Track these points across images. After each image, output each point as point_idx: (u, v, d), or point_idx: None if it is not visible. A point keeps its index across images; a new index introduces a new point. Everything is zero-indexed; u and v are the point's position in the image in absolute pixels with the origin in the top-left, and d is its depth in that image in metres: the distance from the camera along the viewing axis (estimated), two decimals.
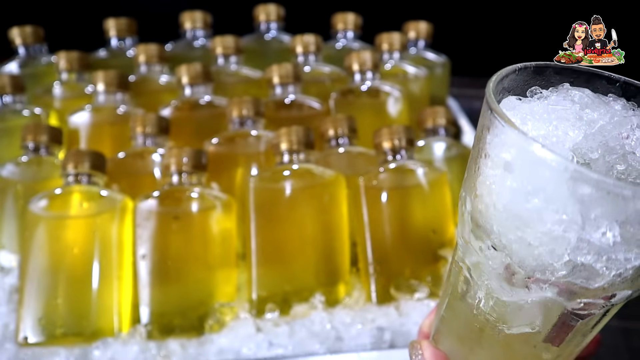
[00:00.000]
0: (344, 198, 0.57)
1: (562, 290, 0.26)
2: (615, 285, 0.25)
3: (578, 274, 0.25)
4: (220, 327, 0.51)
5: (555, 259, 0.25)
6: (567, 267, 0.25)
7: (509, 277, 0.27)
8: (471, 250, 0.29)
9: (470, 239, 0.28)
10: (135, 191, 0.57)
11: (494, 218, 0.26)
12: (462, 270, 0.30)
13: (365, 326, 0.52)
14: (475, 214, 0.27)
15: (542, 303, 0.27)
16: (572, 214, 0.23)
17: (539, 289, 0.26)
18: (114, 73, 0.67)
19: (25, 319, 0.51)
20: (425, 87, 0.78)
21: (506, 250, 0.26)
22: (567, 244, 0.24)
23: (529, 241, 0.25)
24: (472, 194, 0.27)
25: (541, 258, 0.25)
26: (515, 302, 0.28)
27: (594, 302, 0.26)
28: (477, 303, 0.30)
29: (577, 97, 0.28)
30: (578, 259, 0.24)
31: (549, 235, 0.24)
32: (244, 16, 0.84)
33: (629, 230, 0.23)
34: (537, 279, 0.26)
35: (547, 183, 0.23)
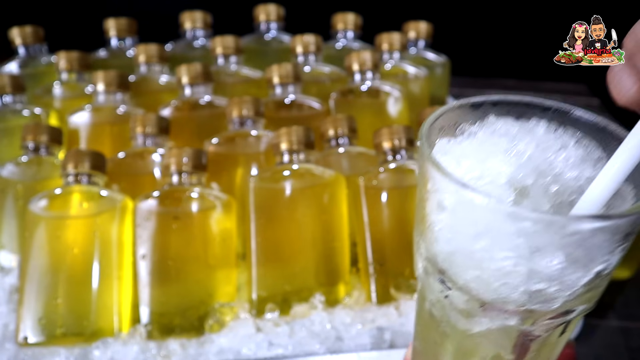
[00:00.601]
0: (344, 198, 0.57)
1: (521, 317, 0.27)
2: (570, 303, 0.27)
3: (535, 300, 0.26)
4: (220, 327, 0.51)
5: (511, 291, 0.26)
6: (524, 296, 0.26)
7: (470, 311, 0.28)
8: (431, 289, 0.30)
9: (429, 280, 0.30)
10: (135, 191, 0.57)
11: (448, 261, 0.27)
12: (426, 304, 0.32)
13: (365, 326, 0.52)
14: (430, 257, 0.29)
15: (504, 330, 0.28)
16: (518, 249, 0.25)
17: (500, 319, 0.28)
18: (114, 73, 0.67)
19: (25, 319, 0.51)
20: (425, 87, 0.78)
21: (464, 289, 0.27)
22: (520, 276, 0.25)
23: (484, 279, 0.26)
24: (424, 239, 0.29)
25: (498, 292, 0.26)
26: (479, 332, 0.29)
27: (552, 322, 0.28)
28: (443, 335, 0.31)
29: (502, 129, 0.30)
30: (532, 288, 0.26)
31: (502, 271, 0.26)
32: (244, 16, 0.84)
33: (572, 253, 0.25)
34: (498, 310, 0.27)
35: (490, 224, 0.25)
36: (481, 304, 0.28)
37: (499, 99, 0.31)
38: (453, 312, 0.29)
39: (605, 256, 0.26)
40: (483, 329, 0.29)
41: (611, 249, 0.25)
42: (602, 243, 0.25)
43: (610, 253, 0.26)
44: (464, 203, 0.26)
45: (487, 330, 0.29)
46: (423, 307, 0.33)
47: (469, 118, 0.31)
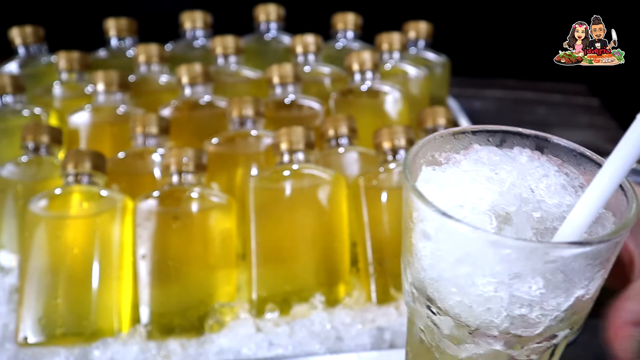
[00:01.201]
0: (344, 198, 0.57)
1: (506, 341, 0.28)
2: (554, 327, 0.27)
3: (517, 325, 0.27)
4: (220, 327, 0.51)
5: (494, 315, 0.27)
6: (507, 321, 0.27)
7: (457, 337, 0.29)
8: (420, 315, 0.31)
9: (416, 306, 0.30)
10: (135, 191, 0.57)
11: (433, 287, 0.28)
12: (415, 329, 0.32)
13: (365, 326, 0.52)
14: (416, 284, 0.29)
15: (491, 355, 0.29)
16: (499, 275, 0.26)
17: (486, 343, 0.28)
18: (114, 73, 0.67)
19: (25, 319, 0.51)
20: (425, 87, 0.78)
21: (450, 314, 0.28)
22: (501, 302, 0.26)
23: (467, 304, 0.27)
24: (410, 266, 0.30)
25: (482, 317, 0.27)
26: (468, 358, 0.30)
27: (538, 346, 0.28)
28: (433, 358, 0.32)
29: (485, 158, 0.31)
30: (514, 313, 0.27)
31: (483, 297, 0.26)
32: (244, 16, 0.84)
33: (551, 279, 0.26)
34: (483, 334, 0.28)
35: (471, 251, 0.26)
36: (468, 330, 0.28)
37: (480, 128, 0.32)
38: (441, 337, 0.30)
39: (585, 281, 0.26)
40: (471, 354, 0.29)
41: (591, 274, 0.26)
42: (582, 268, 0.26)
43: (590, 279, 0.26)
44: (446, 231, 0.26)
45: (476, 355, 0.29)
46: (412, 333, 0.33)
47: (453, 147, 0.31)
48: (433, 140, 0.31)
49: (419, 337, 0.32)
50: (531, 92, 1.19)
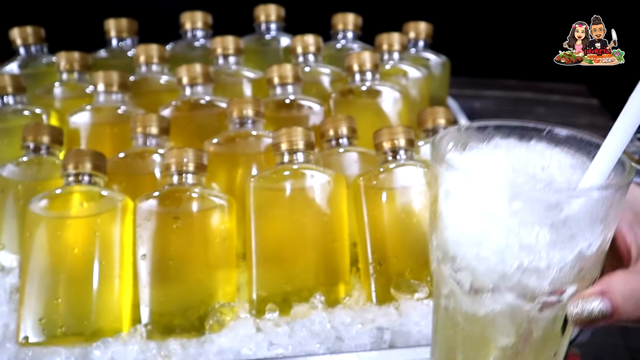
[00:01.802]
0: (344, 198, 0.57)
1: (519, 293, 0.31)
2: (562, 279, 0.30)
3: (528, 275, 0.30)
4: (220, 327, 0.52)
5: (507, 266, 0.30)
6: (518, 272, 0.30)
7: (475, 293, 0.32)
8: (444, 279, 0.34)
9: (441, 268, 0.34)
10: (136, 191, 0.57)
11: (455, 244, 0.32)
12: (441, 300, 0.36)
13: (365, 326, 0.52)
14: (441, 245, 0.33)
15: (507, 312, 0.32)
16: (510, 225, 0.29)
17: (501, 296, 0.32)
18: (114, 73, 0.67)
19: (26, 319, 0.51)
20: (425, 87, 0.78)
21: (469, 269, 0.32)
22: (513, 251, 0.30)
23: (483, 256, 0.31)
24: (436, 229, 0.34)
25: (496, 268, 0.31)
26: (485, 316, 0.33)
27: (549, 299, 0.31)
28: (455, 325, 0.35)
29: (504, 144, 0.35)
30: (524, 262, 0.30)
31: (497, 247, 0.30)
32: (244, 16, 0.84)
33: (556, 229, 0.29)
34: (497, 287, 0.31)
35: (490, 205, 0.30)
36: (485, 284, 0.31)
37: (501, 124, 0.36)
38: (462, 297, 0.33)
39: (587, 234, 0.30)
40: (489, 310, 0.32)
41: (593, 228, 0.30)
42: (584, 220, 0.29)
43: (593, 232, 0.30)
44: (463, 186, 0.30)
45: (492, 312, 0.32)
46: (438, 303, 0.36)
47: (476, 138, 0.35)
48: (457, 130, 0.35)
49: (444, 306, 0.35)
50: (531, 92, 1.19)
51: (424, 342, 0.50)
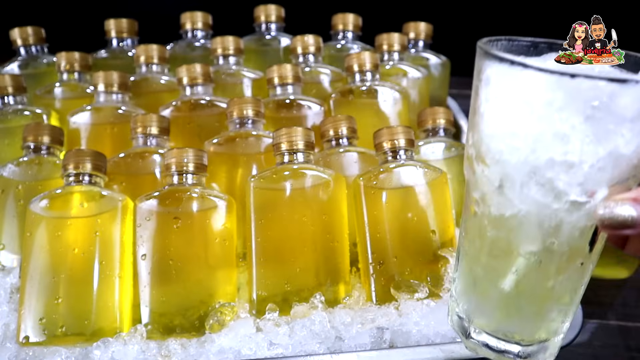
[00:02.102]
0: (344, 198, 0.57)
1: (548, 190, 0.30)
2: (592, 178, 0.30)
3: (558, 168, 0.30)
4: (220, 327, 0.52)
5: (538, 158, 0.30)
6: (548, 165, 0.30)
7: (504, 189, 0.32)
8: (475, 179, 0.34)
9: (473, 167, 0.34)
10: (136, 191, 0.57)
11: (489, 136, 0.32)
12: (470, 202, 0.36)
13: (365, 326, 0.52)
14: (476, 142, 0.33)
15: (534, 213, 0.32)
16: (546, 113, 0.29)
17: (529, 193, 0.31)
18: (114, 73, 0.67)
19: (26, 319, 0.51)
20: (425, 87, 0.78)
21: (500, 163, 0.31)
22: (545, 141, 0.29)
23: (516, 146, 0.30)
24: (473, 128, 0.34)
25: (528, 159, 0.30)
26: (514, 217, 0.32)
27: (578, 199, 0.31)
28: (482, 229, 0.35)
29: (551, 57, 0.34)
30: (556, 154, 0.29)
31: (530, 136, 0.29)
32: (244, 16, 0.84)
33: (593, 124, 0.28)
34: (526, 182, 0.31)
35: (526, 92, 0.29)
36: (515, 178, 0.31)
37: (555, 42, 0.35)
38: (491, 195, 0.33)
39: (623, 130, 0.28)
40: (515, 211, 0.32)
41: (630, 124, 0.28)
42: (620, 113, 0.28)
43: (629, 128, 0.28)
44: (505, 75, 0.30)
45: (520, 213, 0.32)
46: (467, 210, 0.37)
47: (527, 53, 0.35)
48: (509, 42, 0.35)
49: (473, 210, 0.35)
50: None
51: (424, 342, 0.50)
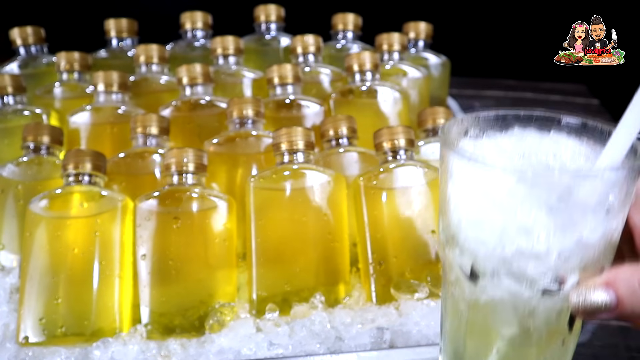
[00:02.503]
0: (344, 198, 0.57)
1: (518, 279, 0.30)
2: (560, 267, 0.30)
3: (526, 261, 0.30)
4: (220, 327, 0.52)
5: (505, 250, 0.30)
6: (516, 256, 0.30)
7: (476, 277, 0.32)
8: (449, 263, 0.34)
9: (447, 253, 0.34)
10: (136, 191, 0.57)
11: (457, 226, 0.32)
12: (448, 287, 0.36)
13: (365, 326, 0.52)
14: (446, 229, 0.34)
15: (508, 300, 0.32)
16: (510, 208, 0.29)
17: (500, 282, 0.31)
18: (114, 73, 0.67)
19: (26, 319, 0.51)
20: (425, 87, 0.78)
21: (470, 252, 0.32)
22: (510, 234, 0.29)
23: (483, 238, 0.30)
24: (442, 214, 0.34)
25: (495, 251, 0.30)
26: (488, 303, 0.33)
27: (549, 287, 0.30)
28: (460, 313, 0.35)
29: (519, 132, 0.34)
30: (522, 246, 0.29)
31: (496, 229, 0.30)
32: (244, 16, 0.84)
33: (555, 215, 0.28)
34: (497, 272, 0.31)
35: (491, 188, 0.29)
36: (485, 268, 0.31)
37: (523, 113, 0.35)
38: (465, 282, 0.33)
39: (588, 220, 0.29)
40: (489, 297, 0.32)
41: (594, 214, 0.29)
42: (584, 204, 0.28)
43: (594, 219, 0.29)
44: (468, 169, 0.30)
45: (493, 299, 0.32)
46: (445, 291, 0.37)
47: (493, 126, 0.35)
48: (474, 118, 0.35)
49: (450, 293, 0.36)
50: (531, 92, 1.19)
51: (424, 342, 0.50)
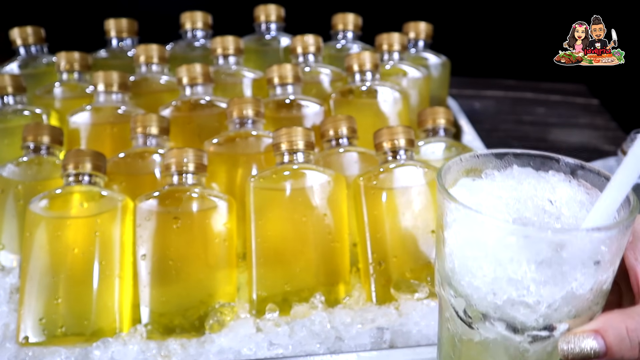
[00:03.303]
0: (344, 198, 0.57)
1: (509, 324, 0.31)
2: (552, 316, 0.30)
3: (517, 309, 0.30)
4: (220, 327, 0.52)
5: (496, 298, 0.31)
6: (507, 304, 0.30)
7: (469, 319, 0.33)
8: (445, 302, 0.35)
9: (441, 291, 0.35)
10: (136, 191, 0.57)
11: (451, 270, 0.33)
12: (443, 322, 0.36)
13: (365, 326, 0.52)
14: (440, 270, 0.34)
15: (500, 342, 0.32)
16: (502, 260, 0.29)
17: (492, 325, 0.32)
18: (114, 73, 0.67)
19: (26, 319, 0.51)
20: (425, 87, 0.78)
21: (463, 296, 0.32)
22: (501, 284, 0.30)
23: (476, 286, 0.31)
24: (438, 255, 0.35)
25: (487, 298, 0.31)
26: (481, 342, 0.33)
27: (539, 334, 0.31)
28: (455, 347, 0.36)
29: (516, 173, 0.35)
30: (513, 296, 0.30)
31: (487, 278, 0.30)
32: (244, 16, 0.84)
33: (545, 268, 0.29)
34: (489, 317, 0.32)
35: (484, 238, 0.30)
36: (478, 312, 0.32)
37: (520, 152, 0.35)
38: (459, 321, 0.34)
39: (578, 274, 0.29)
40: (483, 338, 0.33)
41: (585, 269, 0.29)
42: (575, 260, 0.29)
43: (584, 274, 0.29)
44: (460, 218, 0.31)
45: (486, 340, 0.33)
46: (442, 324, 0.37)
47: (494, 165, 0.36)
48: (474, 157, 0.35)
49: (446, 327, 0.36)
50: (531, 92, 1.19)
51: (424, 342, 0.50)
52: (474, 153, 0.35)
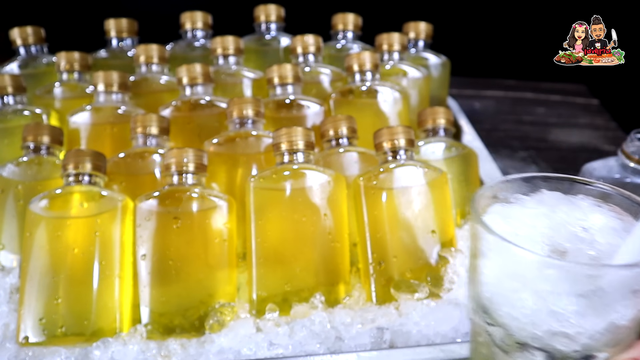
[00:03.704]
0: (344, 198, 0.57)
1: (549, 354, 0.31)
2: (592, 346, 0.30)
3: (557, 339, 0.31)
4: (220, 327, 0.52)
5: (536, 328, 0.31)
6: (547, 334, 0.31)
7: (506, 348, 0.33)
8: (479, 327, 0.35)
9: (476, 318, 0.35)
10: (136, 191, 0.57)
11: (488, 300, 0.33)
12: (477, 345, 0.37)
13: (365, 326, 0.52)
14: (475, 298, 0.34)
15: None
16: (541, 292, 0.30)
17: (531, 355, 0.32)
18: (114, 73, 0.67)
19: (26, 319, 0.51)
20: (425, 87, 0.78)
21: (500, 324, 0.32)
22: (542, 316, 0.30)
23: (514, 316, 0.31)
24: (472, 282, 0.35)
25: (526, 329, 0.31)
26: None
27: None
28: None
29: (547, 199, 0.35)
30: (553, 327, 0.30)
31: (527, 309, 0.31)
32: (244, 16, 0.84)
33: (588, 301, 0.29)
34: (527, 345, 0.32)
35: (522, 270, 0.30)
36: (515, 341, 0.32)
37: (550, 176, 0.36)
38: (495, 348, 0.34)
39: (620, 307, 0.29)
40: None
41: (627, 301, 0.29)
42: (617, 293, 0.29)
43: (625, 305, 0.29)
44: (498, 250, 0.31)
45: None
46: (475, 347, 0.37)
47: (523, 189, 0.36)
48: (505, 182, 0.36)
49: (480, 350, 0.37)
50: (531, 92, 1.19)
51: (424, 342, 0.50)
52: (503, 179, 0.36)
